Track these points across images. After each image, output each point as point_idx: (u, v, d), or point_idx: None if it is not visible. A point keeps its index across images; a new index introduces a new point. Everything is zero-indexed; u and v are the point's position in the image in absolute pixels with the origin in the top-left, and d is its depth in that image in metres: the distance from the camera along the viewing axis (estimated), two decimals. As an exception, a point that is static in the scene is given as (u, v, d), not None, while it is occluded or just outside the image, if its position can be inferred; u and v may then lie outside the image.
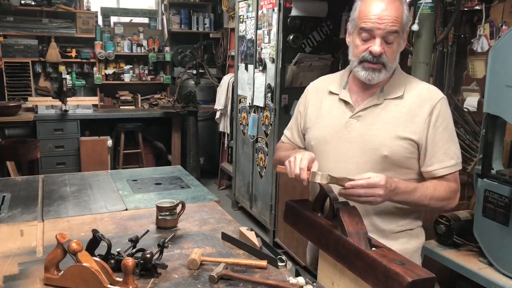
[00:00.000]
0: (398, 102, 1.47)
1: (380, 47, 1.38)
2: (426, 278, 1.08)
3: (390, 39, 1.38)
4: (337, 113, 1.54)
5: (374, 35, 1.38)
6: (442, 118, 1.44)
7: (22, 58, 5.28)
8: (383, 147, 1.43)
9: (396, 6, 1.38)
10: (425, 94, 1.47)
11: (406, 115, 1.45)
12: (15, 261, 1.49)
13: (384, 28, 1.37)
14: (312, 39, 3.75)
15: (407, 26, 1.43)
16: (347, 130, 1.50)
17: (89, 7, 5.64)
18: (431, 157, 1.45)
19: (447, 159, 1.45)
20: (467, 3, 2.76)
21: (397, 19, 1.38)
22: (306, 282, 1.36)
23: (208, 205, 2.10)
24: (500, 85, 1.95)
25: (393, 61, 1.43)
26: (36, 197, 2.15)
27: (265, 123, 3.99)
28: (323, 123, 1.56)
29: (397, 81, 1.50)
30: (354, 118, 1.50)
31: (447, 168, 1.45)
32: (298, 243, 3.40)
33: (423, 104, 1.45)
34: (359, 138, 1.47)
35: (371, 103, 1.48)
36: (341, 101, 1.54)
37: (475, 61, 2.80)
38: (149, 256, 1.37)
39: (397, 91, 1.48)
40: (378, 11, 1.37)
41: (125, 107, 5.77)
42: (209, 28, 6.18)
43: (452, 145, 1.46)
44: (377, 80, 1.44)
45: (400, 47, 1.44)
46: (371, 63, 1.41)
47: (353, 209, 1.31)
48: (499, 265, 1.98)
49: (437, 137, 1.44)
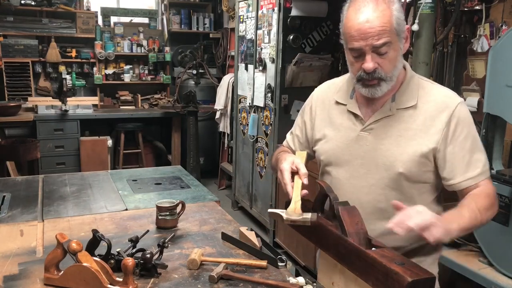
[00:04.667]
0: (412, 112, 1.36)
1: (372, 62, 1.27)
2: (426, 278, 1.08)
3: (382, 50, 1.27)
4: (346, 126, 1.44)
5: (363, 52, 1.28)
6: (461, 125, 1.34)
7: (22, 58, 5.28)
8: (398, 163, 1.34)
9: (380, 13, 1.25)
10: (441, 101, 1.35)
11: (421, 127, 1.34)
12: (15, 261, 1.49)
13: (371, 44, 1.25)
14: (312, 39, 3.75)
15: (402, 26, 1.29)
16: (359, 144, 1.41)
17: (89, 7, 5.64)
18: (453, 170, 1.34)
19: (470, 169, 1.34)
20: (467, 3, 2.76)
21: (384, 28, 1.24)
22: (306, 282, 1.36)
23: (208, 205, 2.10)
24: (500, 85, 1.95)
25: (392, 70, 1.31)
26: (36, 197, 2.15)
27: (265, 123, 3.99)
28: (332, 137, 1.47)
29: (409, 88, 1.38)
30: (365, 131, 1.40)
31: (471, 179, 1.34)
32: (298, 243, 3.40)
33: (439, 113, 1.34)
34: (371, 153, 1.39)
35: (383, 115, 1.38)
36: (349, 113, 1.44)
37: (475, 61, 2.80)
38: (149, 256, 1.37)
39: (410, 100, 1.37)
40: (361, 26, 1.25)
41: (125, 107, 5.77)
42: (209, 28, 6.18)
43: (475, 153, 1.35)
44: (381, 93, 1.34)
45: (398, 52, 1.31)
46: (367, 80, 1.32)
47: (353, 209, 1.31)
48: (499, 265, 1.99)
49: (457, 148, 1.33)
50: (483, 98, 2.10)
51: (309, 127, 1.57)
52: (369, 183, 1.39)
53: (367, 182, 1.40)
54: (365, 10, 1.26)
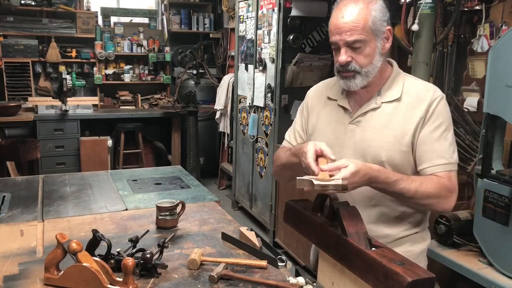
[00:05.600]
0: (396, 104, 1.45)
1: (345, 55, 1.38)
2: (426, 278, 1.08)
3: (356, 45, 1.37)
4: (336, 120, 1.54)
5: (339, 46, 1.40)
6: (435, 116, 1.42)
7: (22, 58, 5.28)
8: (382, 152, 1.43)
9: (356, 11, 1.36)
10: (422, 94, 1.45)
11: (403, 117, 1.43)
12: (15, 261, 1.49)
13: (344, 39, 1.37)
14: (312, 39, 3.75)
15: (379, 26, 1.38)
16: (348, 136, 1.50)
17: (89, 7, 5.64)
18: (422, 156, 1.42)
19: (436, 157, 1.41)
20: (467, 3, 2.76)
21: (356, 25, 1.35)
22: (306, 282, 1.36)
23: (208, 205, 2.10)
24: (500, 85, 1.95)
25: (366, 65, 1.39)
26: (36, 197, 2.15)
27: (265, 123, 3.99)
28: (323, 130, 1.57)
29: (394, 83, 1.48)
30: (353, 123, 1.49)
31: (436, 166, 1.41)
32: (298, 243, 3.40)
33: (419, 104, 1.43)
34: (359, 144, 1.47)
35: (369, 107, 1.48)
36: (339, 107, 1.54)
37: (475, 61, 2.80)
38: (149, 256, 1.37)
39: (394, 94, 1.46)
40: (337, 22, 1.38)
41: (125, 107, 5.77)
42: (209, 28, 6.18)
43: (443, 144, 1.42)
44: (356, 87, 1.42)
45: (375, 50, 1.39)
46: (343, 72, 1.42)
47: (353, 209, 1.31)
48: (499, 265, 1.98)
49: (426, 135, 1.41)
50: (483, 98, 2.10)
51: (305, 123, 1.66)
52: None
53: None
54: (344, 8, 1.38)
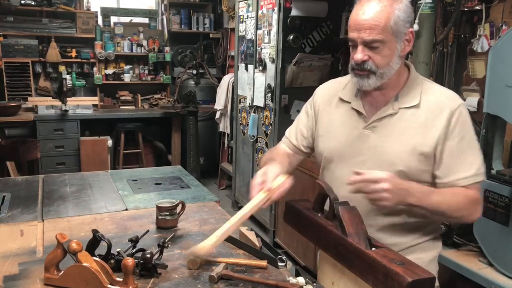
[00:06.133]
0: (414, 111, 1.38)
1: (362, 54, 1.32)
2: (426, 278, 1.08)
3: (374, 45, 1.30)
4: (350, 123, 1.46)
5: (356, 43, 1.33)
6: (460, 126, 1.36)
7: (22, 58, 5.28)
8: (399, 161, 1.36)
9: (379, 8, 1.29)
10: (443, 101, 1.38)
11: (423, 126, 1.36)
12: (15, 261, 1.49)
13: (362, 37, 1.30)
14: (312, 39, 3.75)
15: (401, 27, 1.30)
16: (361, 141, 1.43)
17: (89, 7, 5.64)
18: (448, 169, 1.36)
19: (464, 169, 1.36)
20: (467, 3, 2.76)
21: (376, 24, 1.28)
22: (306, 282, 1.36)
23: (208, 205, 2.10)
24: (500, 85, 1.95)
25: (384, 66, 1.33)
26: (36, 197, 2.15)
27: (265, 123, 3.99)
28: (335, 134, 1.49)
29: (412, 88, 1.41)
30: (368, 129, 1.42)
31: (465, 179, 1.35)
32: (298, 243, 3.39)
33: (440, 113, 1.36)
34: (373, 151, 1.40)
35: (386, 113, 1.40)
36: (353, 110, 1.46)
37: (475, 61, 2.80)
38: (149, 256, 1.37)
39: (413, 99, 1.39)
40: (357, 17, 1.31)
41: (125, 107, 5.77)
42: (209, 28, 6.18)
43: (470, 155, 1.37)
44: (368, 87, 1.36)
45: (394, 52, 1.33)
46: (358, 70, 1.36)
47: (353, 209, 1.31)
48: (499, 265, 1.99)
49: (453, 147, 1.35)
50: (483, 98, 2.10)
51: (311, 123, 1.60)
52: None
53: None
54: (366, 3, 1.31)
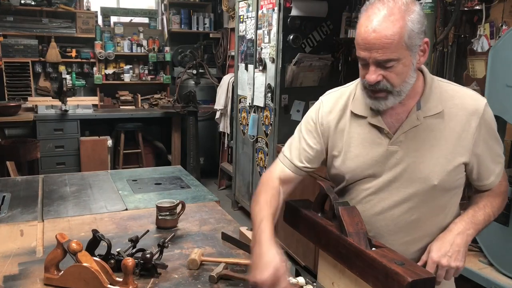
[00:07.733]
0: (440, 119, 1.29)
1: (375, 75, 1.20)
2: (426, 278, 1.08)
3: (387, 64, 1.18)
4: (371, 141, 1.33)
5: (368, 63, 1.21)
6: (490, 127, 1.31)
7: (22, 58, 5.28)
8: (434, 176, 1.28)
9: (390, 23, 1.15)
10: (469, 104, 1.29)
11: (452, 134, 1.28)
12: (15, 261, 1.49)
13: (374, 57, 1.18)
14: (312, 39, 3.75)
15: (415, 40, 1.19)
16: (388, 159, 1.31)
17: (89, 7, 5.64)
18: (484, 172, 1.34)
19: (496, 167, 1.35)
20: (467, 3, 2.76)
21: (390, 42, 1.15)
22: (306, 282, 1.36)
23: (208, 205, 2.10)
24: (500, 85, 1.95)
25: (400, 83, 1.21)
26: (36, 197, 2.15)
27: (265, 123, 3.99)
28: (356, 153, 1.35)
29: (432, 93, 1.30)
30: (394, 144, 1.30)
31: (497, 177, 1.37)
32: (298, 243, 3.39)
33: (469, 118, 1.28)
34: (404, 167, 1.30)
35: (411, 125, 1.28)
36: (371, 126, 1.33)
37: (475, 61, 2.80)
38: (149, 256, 1.37)
39: (436, 106, 1.29)
40: (367, 35, 1.17)
41: (125, 107, 5.77)
42: (209, 28, 6.18)
43: (497, 150, 1.35)
44: (386, 107, 1.26)
45: (409, 67, 1.21)
46: (372, 92, 1.24)
47: (353, 209, 1.31)
48: (499, 265, 1.99)
49: (486, 151, 1.32)
50: (483, 98, 2.10)
51: (319, 142, 1.42)
52: (401, 197, 1.33)
53: (398, 196, 1.33)
54: (375, 18, 1.17)
